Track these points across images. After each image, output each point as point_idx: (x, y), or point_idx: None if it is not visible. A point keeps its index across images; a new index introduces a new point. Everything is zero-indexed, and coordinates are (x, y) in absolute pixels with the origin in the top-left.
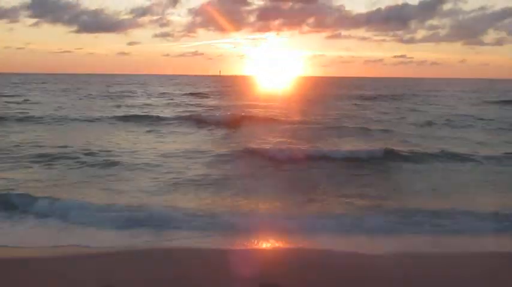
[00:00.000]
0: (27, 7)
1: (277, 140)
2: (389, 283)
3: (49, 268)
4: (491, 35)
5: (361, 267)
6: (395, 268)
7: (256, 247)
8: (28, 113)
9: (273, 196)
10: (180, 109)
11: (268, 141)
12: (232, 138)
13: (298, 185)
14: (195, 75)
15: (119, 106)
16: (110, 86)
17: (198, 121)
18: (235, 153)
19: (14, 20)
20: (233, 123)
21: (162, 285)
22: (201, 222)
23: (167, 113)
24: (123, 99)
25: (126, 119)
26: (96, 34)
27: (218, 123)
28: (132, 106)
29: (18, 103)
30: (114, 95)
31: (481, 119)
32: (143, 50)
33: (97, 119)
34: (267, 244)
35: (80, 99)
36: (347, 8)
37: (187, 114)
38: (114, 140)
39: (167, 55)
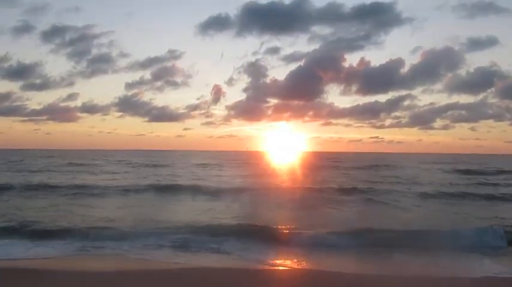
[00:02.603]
0: (115, 105)
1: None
2: None
3: None
4: (438, 122)
5: None
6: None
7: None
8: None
9: None
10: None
11: None
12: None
13: None
14: (230, 150)
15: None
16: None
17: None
18: None
19: (106, 113)
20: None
21: None
22: None
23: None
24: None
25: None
26: (162, 123)
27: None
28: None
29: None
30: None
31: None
32: (194, 133)
33: None
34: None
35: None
36: (335, 104)
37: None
38: None
39: (211, 137)
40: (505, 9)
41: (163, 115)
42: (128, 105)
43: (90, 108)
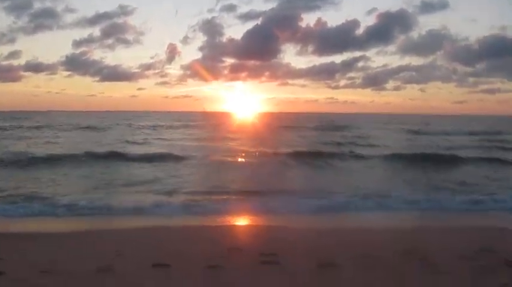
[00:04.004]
0: (63, 63)
1: None
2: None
3: None
4: (391, 84)
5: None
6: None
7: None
8: None
9: None
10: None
11: None
12: None
13: None
14: (186, 111)
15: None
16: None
17: None
18: None
19: (54, 72)
20: None
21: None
22: None
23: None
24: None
25: None
26: (114, 83)
27: None
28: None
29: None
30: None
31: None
32: (148, 94)
33: None
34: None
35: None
36: (292, 65)
37: None
38: None
39: (166, 97)
40: None
41: (115, 74)
42: (77, 64)
43: (35, 67)
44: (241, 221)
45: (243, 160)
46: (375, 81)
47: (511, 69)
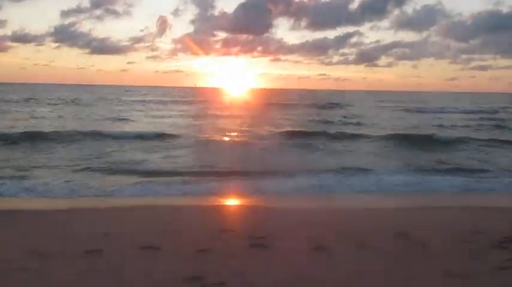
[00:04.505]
0: (51, 34)
1: None
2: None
3: None
4: (383, 60)
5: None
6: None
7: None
8: None
9: None
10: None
11: None
12: None
13: None
14: (177, 87)
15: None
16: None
17: None
18: None
19: (41, 44)
20: None
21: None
22: None
23: None
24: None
25: None
26: (104, 55)
27: None
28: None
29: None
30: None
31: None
32: (139, 68)
33: None
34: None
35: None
36: (285, 40)
37: None
38: None
39: (157, 71)
40: None
41: (104, 47)
42: (65, 36)
43: (22, 38)
44: (231, 202)
45: (232, 139)
46: (368, 57)
47: (504, 45)
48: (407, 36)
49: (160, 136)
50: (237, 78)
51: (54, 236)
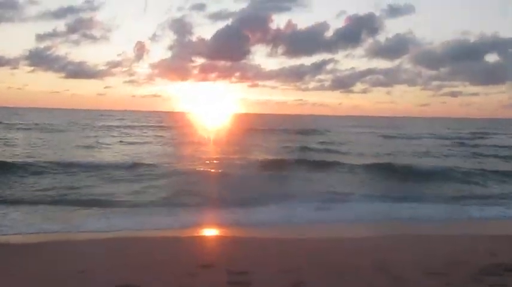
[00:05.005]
0: (25, 58)
1: None
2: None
3: None
4: (358, 86)
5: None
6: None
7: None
8: None
9: None
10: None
11: None
12: None
13: None
14: (155, 111)
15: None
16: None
17: None
18: None
19: (15, 67)
20: None
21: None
22: None
23: None
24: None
25: None
26: (80, 80)
27: None
28: None
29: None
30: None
31: None
32: (116, 92)
33: None
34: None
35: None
36: (262, 66)
37: None
38: None
39: (134, 96)
40: None
41: (81, 71)
42: (40, 59)
43: None
44: (208, 232)
45: (210, 168)
46: (343, 83)
47: (472, 73)
48: (381, 63)
49: (132, 167)
50: (215, 103)
51: (27, 272)
